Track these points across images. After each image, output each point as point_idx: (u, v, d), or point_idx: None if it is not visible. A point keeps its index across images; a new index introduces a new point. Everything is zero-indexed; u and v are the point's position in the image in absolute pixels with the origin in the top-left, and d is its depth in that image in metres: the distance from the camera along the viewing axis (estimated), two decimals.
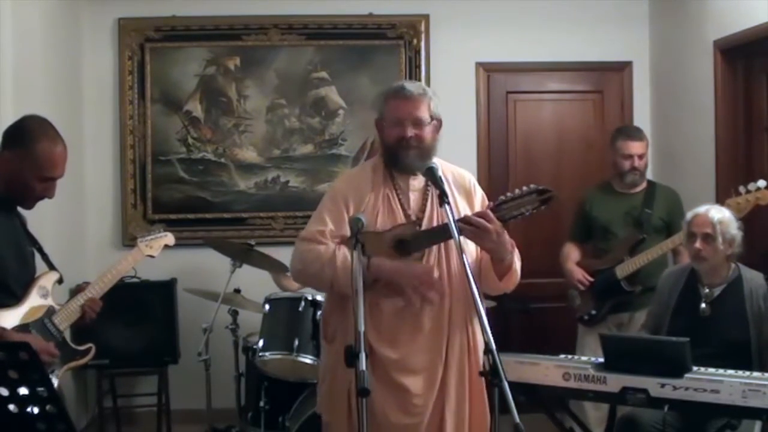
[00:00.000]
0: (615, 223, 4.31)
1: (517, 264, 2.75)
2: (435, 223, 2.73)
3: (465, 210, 2.77)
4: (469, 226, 2.57)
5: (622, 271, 4.14)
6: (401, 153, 2.74)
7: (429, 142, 2.74)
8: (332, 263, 2.69)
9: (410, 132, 2.71)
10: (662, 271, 4.23)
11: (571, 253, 4.42)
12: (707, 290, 3.44)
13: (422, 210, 2.77)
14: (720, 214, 3.41)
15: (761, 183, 3.69)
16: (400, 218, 2.75)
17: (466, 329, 2.73)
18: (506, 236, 2.65)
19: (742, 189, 3.71)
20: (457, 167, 2.92)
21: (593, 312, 4.26)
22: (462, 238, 2.59)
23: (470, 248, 2.72)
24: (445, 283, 2.72)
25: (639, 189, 4.35)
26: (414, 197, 2.79)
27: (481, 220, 2.57)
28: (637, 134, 4.38)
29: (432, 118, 2.76)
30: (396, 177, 2.80)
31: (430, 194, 2.76)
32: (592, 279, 4.26)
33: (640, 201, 4.31)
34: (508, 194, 2.62)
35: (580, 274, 4.27)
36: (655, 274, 4.18)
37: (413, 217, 2.76)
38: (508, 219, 2.61)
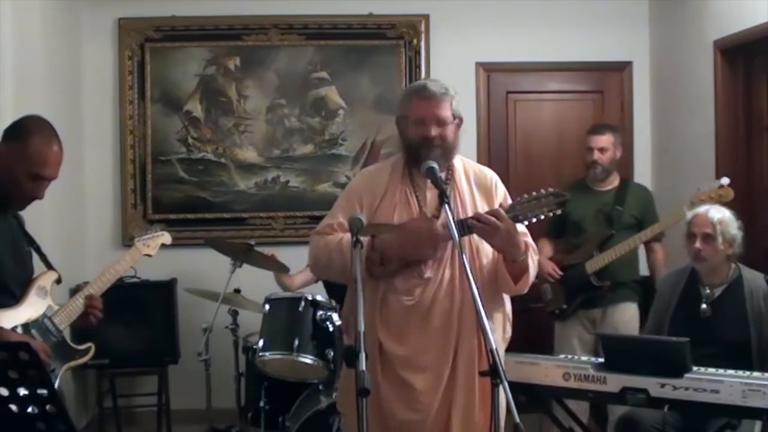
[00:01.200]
0: (587, 219, 4.35)
1: (532, 267, 2.73)
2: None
3: (484, 208, 2.76)
4: (478, 223, 2.58)
5: (591, 266, 4.19)
6: (424, 152, 2.73)
7: (451, 140, 2.76)
8: (339, 249, 2.72)
9: (434, 132, 2.72)
10: (631, 267, 4.30)
11: (544, 248, 4.46)
12: (708, 291, 3.44)
13: (439, 208, 2.76)
14: (720, 214, 3.41)
15: (724, 180, 3.77)
16: (415, 214, 2.76)
17: (477, 330, 2.72)
18: (518, 236, 2.65)
19: (705, 186, 3.78)
20: (481, 165, 2.93)
21: (564, 306, 4.31)
22: (478, 237, 2.62)
23: (486, 248, 2.72)
24: (457, 281, 2.71)
25: (611, 186, 4.41)
26: (431, 195, 2.78)
27: (492, 218, 2.57)
28: (600, 129, 4.46)
29: (454, 116, 2.77)
30: (414, 175, 2.81)
31: (447, 192, 2.75)
32: (561, 273, 4.30)
33: (611, 198, 4.37)
34: (525, 196, 2.62)
35: (550, 267, 4.32)
36: (624, 270, 4.26)
37: (429, 215, 2.76)
38: (521, 220, 2.62)
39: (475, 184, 2.83)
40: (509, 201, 2.80)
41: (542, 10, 5.45)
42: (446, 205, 2.54)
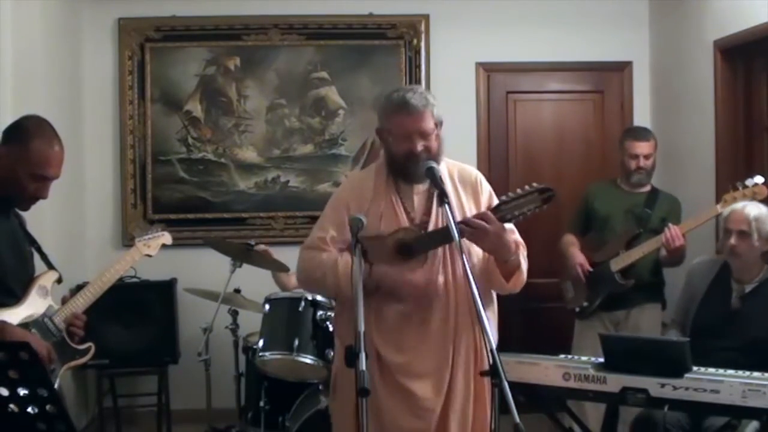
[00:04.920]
0: (615, 217, 4.35)
1: (524, 265, 2.74)
2: (440, 225, 2.71)
3: (471, 208, 2.77)
4: (467, 227, 2.57)
5: (617, 264, 4.17)
6: (411, 166, 2.72)
7: (436, 150, 2.73)
8: (334, 270, 2.71)
9: (420, 146, 2.68)
10: (655, 268, 4.28)
11: (574, 242, 4.44)
12: (738, 285, 3.45)
13: (427, 213, 2.76)
14: (757, 210, 3.43)
15: (759, 179, 3.76)
16: (404, 222, 2.74)
17: (472, 331, 2.72)
18: (509, 237, 2.65)
19: (739, 185, 3.78)
20: (465, 165, 2.91)
21: (585, 304, 4.29)
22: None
23: (477, 248, 2.71)
24: (451, 285, 2.71)
25: (643, 190, 4.39)
26: (418, 200, 2.78)
27: (480, 222, 2.57)
28: (643, 135, 4.44)
29: (436, 124, 2.73)
30: (399, 181, 2.79)
31: (434, 196, 2.74)
32: (589, 269, 4.27)
33: (642, 200, 4.35)
34: (510, 194, 2.61)
35: (581, 257, 4.29)
36: (649, 272, 4.24)
37: (417, 221, 2.76)
38: (509, 219, 2.61)
39: (460, 182, 2.82)
40: (495, 199, 2.80)
41: (542, 10, 5.45)
42: (446, 205, 2.54)
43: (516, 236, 2.75)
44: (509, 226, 2.67)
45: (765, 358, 3.18)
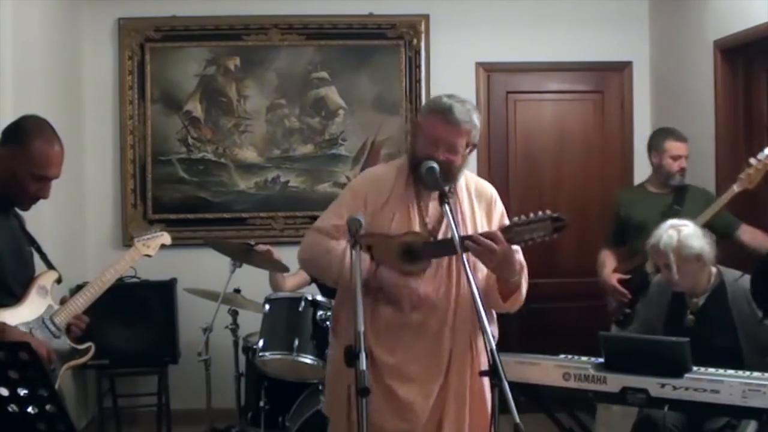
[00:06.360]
0: (651, 221, 4.24)
1: (524, 287, 2.72)
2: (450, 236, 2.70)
3: (482, 221, 2.75)
4: (474, 244, 2.54)
5: (651, 265, 4.12)
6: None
7: (457, 166, 2.71)
8: (341, 262, 2.68)
9: (442, 156, 2.65)
10: None
11: (607, 261, 4.39)
12: (693, 300, 3.41)
13: (440, 221, 2.74)
14: (674, 237, 3.32)
15: None
16: (416, 224, 2.72)
17: (470, 343, 2.71)
18: (514, 258, 2.62)
19: (753, 160, 3.76)
20: (482, 180, 2.91)
21: (627, 311, 4.24)
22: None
23: (482, 265, 2.69)
24: (452, 294, 2.70)
25: (670, 189, 4.31)
26: (434, 206, 2.74)
27: (488, 241, 2.54)
28: (683, 135, 4.35)
29: (467, 144, 2.72)
30: (419, 184, 2.76)
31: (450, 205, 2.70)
32: (627, 276, 4.21)
33: (670, 200, 4.27)
34: (522, 217, 2.57)
35: (614, 279, 4.24)
36: None
37: (430, 226, 2.74)
38: (517, 242, 2.59)
39: (476, 196, 2.81)
40: (506, 219, 2.78)
41: (542, 10, 5.45)
42: (446, 205, 2.53)
43: (519, 256, 2.72)
44: (515, 246, 2.64)
45: (736, 365, 3.16)
